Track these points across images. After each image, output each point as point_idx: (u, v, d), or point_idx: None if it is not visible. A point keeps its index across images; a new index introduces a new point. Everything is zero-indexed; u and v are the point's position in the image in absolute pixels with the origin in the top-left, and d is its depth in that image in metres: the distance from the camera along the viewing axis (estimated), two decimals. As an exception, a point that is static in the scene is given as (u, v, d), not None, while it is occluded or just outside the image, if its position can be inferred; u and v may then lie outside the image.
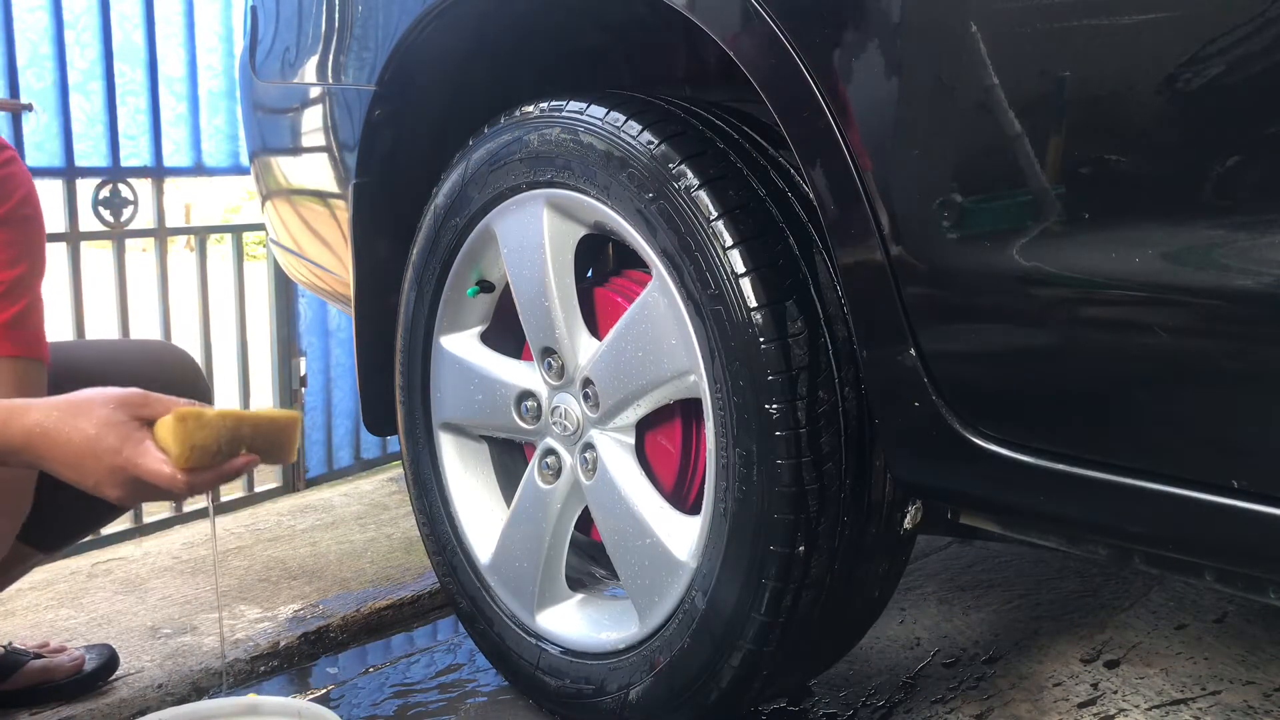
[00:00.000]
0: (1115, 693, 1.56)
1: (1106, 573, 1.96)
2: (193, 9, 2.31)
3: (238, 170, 2.43)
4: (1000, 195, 0.97)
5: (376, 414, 1.74)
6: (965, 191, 0.99)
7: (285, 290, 2.53)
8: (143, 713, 1.52)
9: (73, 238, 2.18)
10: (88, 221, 2.18)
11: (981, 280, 1.00)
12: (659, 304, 1.25)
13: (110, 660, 1.58)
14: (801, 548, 1.17)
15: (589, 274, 1.57)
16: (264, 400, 2.64)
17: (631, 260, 1.46)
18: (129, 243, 2.26)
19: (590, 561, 1.59)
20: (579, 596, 1.49)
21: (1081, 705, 1.52)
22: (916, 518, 1.25)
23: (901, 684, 1.58)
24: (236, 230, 2.56)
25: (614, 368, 1.32)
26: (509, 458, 1.62)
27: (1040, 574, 1.98)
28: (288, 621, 1.81)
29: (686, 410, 1.37)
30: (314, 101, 1.77)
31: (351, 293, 1.69)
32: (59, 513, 1.35)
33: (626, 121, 1.25)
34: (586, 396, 1.37)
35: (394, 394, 1.66)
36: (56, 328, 2.21)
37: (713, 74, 1.59)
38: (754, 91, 1.12)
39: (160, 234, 2.33)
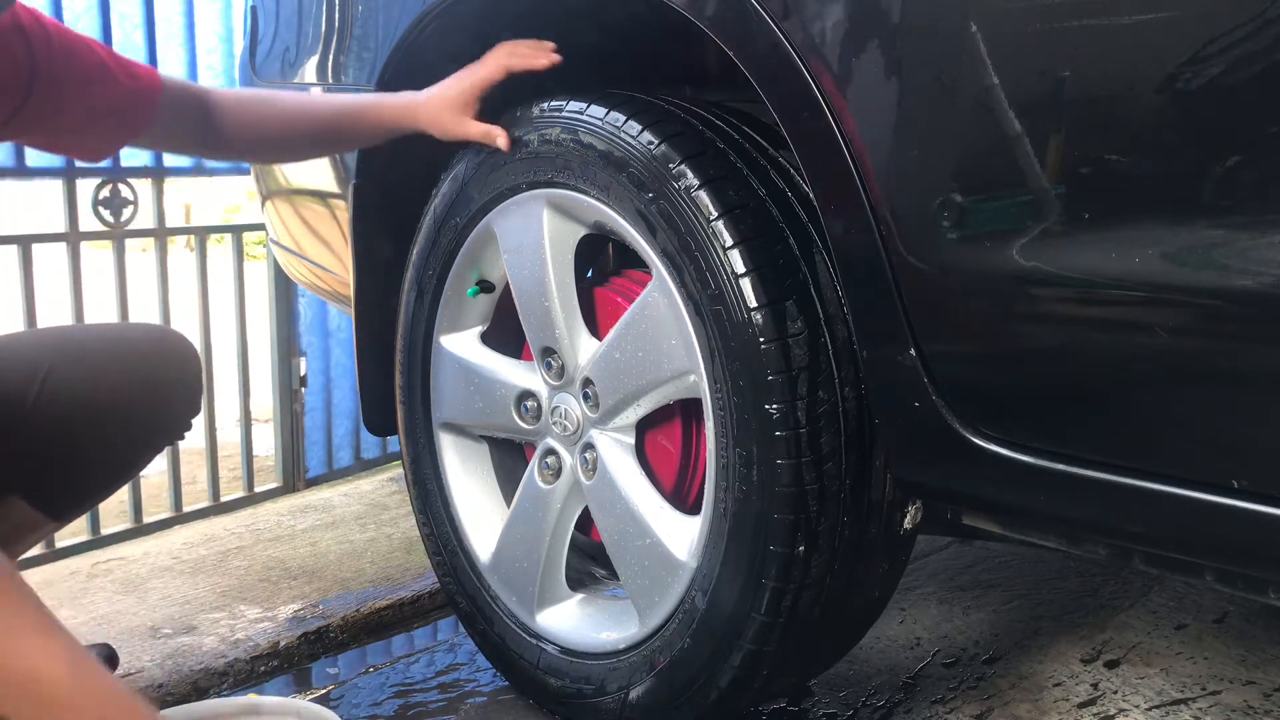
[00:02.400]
0: (1115, 693, 1.56)
1: (1106, 573, 1.96)
2: (193, 9, 2.31)
3: (238, 170, 2.43)
4: (1000, 195, 0.97)
5: (376, 414, 1.74)
6: (965, 191, 0.99)
7: (285, 290, 2.52)
8: (143, 713, 1.51)
9: (73, 238, 2.17)
10: (88, 221, 2.17)
11: (981, 280, 1.00)
12: (659, 304, 1.25)
13: (109, 659, 1.58)
14: (801, 548, 1.17)
15: (589, 274, 1.57)
16: (264, 400, 2.64)
17: (631, 260, 1.46)
18: (129, 243, 2.26)
19: (590, 561, 1.59)
20: (579, 596, 1.49)
21: (1081, 705, 1.52)
22: (916, 518, 1.25)
23: (901, 684, 1.58)
24: (236, 230, 2.56)
25: (614, 368, 1.32)
26: (509, 458, 1.62)
27: (1040, 574, 1.98)
28: (288, 621, 1.81)
29: (686, 410, 1.37)
30: (314, 101, 1.76)
31: (351, 293, 1.69)
32: (71, 479, 1.36)
33: (626, 121, 1.25)
34: (586, 396, 1.37)
35: (394, 394, 1.66)
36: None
37: (713, 74, 1.59)
38: (754, 91, 1.12)
39: (160, 234, 2.33)
